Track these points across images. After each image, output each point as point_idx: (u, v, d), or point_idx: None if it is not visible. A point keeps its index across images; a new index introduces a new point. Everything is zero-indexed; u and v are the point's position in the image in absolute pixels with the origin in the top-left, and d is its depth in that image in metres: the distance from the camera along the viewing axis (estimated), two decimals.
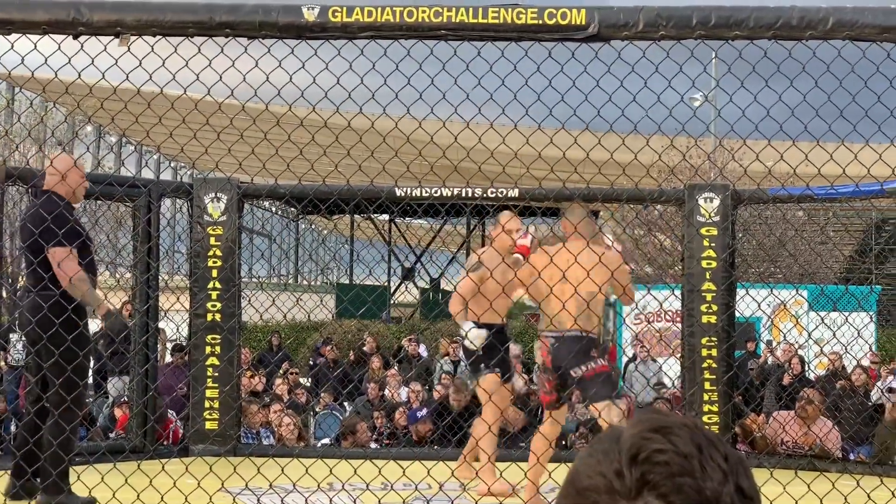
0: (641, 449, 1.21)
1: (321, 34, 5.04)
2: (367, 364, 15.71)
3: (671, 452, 1.20)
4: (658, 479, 1.19)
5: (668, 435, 1.22)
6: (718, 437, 1.26)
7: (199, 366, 9.06)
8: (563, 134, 5.49)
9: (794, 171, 5.45)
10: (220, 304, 9.12)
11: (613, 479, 1.20)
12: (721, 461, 1.21)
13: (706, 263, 9.41)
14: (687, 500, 1.18)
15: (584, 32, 4.95)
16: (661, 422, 1.25)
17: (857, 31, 4.83)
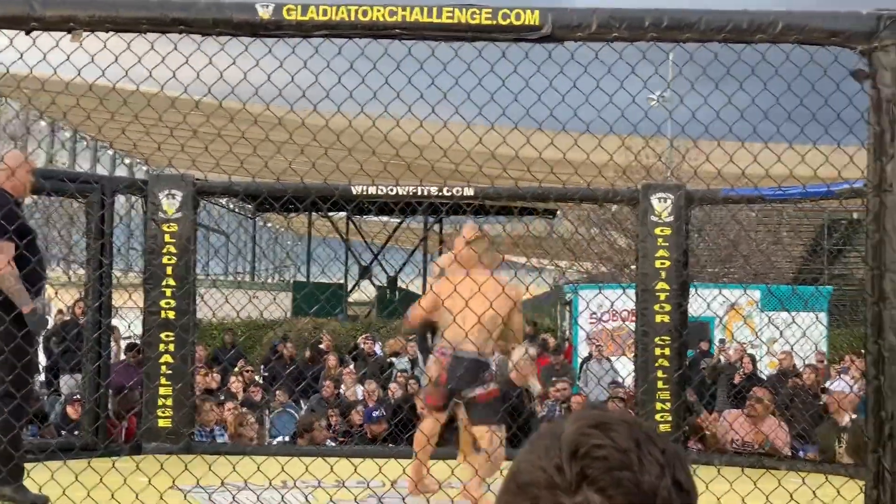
0: (581, 444, 1.23)
1: (276, 32, 5.04)
2: (322, 362, 15.69)
3: (610, 447, 1.23)
4: (597, 473, 1.21)
5: (608, 430, 1.25)
6: (656, 431, 1.29)
7: (153, 363, 9.02)
8: (517, 133, 5.53)
9: (742, 173, 5.52)
10: (175, 302, 9.08)
11: (554, 474, 1.23)
12: (658, 455, 1.24)
13: (660, 263, 9.48)
14: (625, 493, 1.21)
15: (537, 33, 4.98)
16: (600, 418, 1.28)
17: (805, 34, 4.90)
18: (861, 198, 8.31)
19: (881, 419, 4.73)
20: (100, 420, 8.51)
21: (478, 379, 6.74)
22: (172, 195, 9.11)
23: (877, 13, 4.80)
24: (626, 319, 15.98)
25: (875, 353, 4.79)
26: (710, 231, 16.43)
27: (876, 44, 4.78)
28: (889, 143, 4.72)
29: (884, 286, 4.72)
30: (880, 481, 4.74)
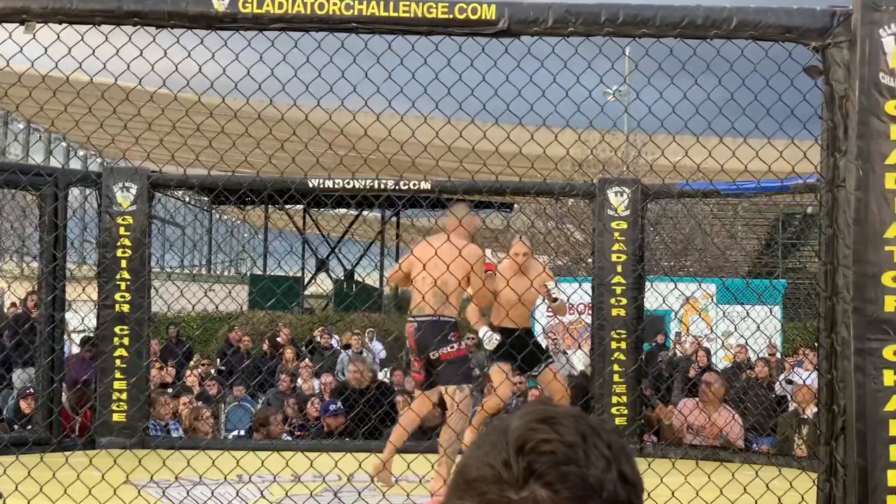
0: (528, 439, 1.24)
1: (231, 25, 5.01)
2: (279, 355, 15.63)
3: (556, 442, 1.24)
4: (544, 468, 1.22)
5: (554, 425, 1.26)
6: (602, 425, 1.30)
7: (107, 357, 8.95)
8: (473, 127, 5.53)
9: (698, 167, 5.55)
10: (129, 295, 9.02)
11: (501, 470, 1.24)
12: (605, 449, 1.25)
13: (616, 257, 9.53)
14: (571, 487, 1.21)
15: (493, 27, 4.98)
16: (546, 412, 1.28)
17: (759, 30, 4.93)
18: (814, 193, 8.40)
19: (834, 412, 4.77)
20: (53, 415, 8.43)
21: (441, 339, 7.05)
22: (127, 188, 9.05)
23: (830, 10, 4.84)
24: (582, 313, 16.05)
25: (828, 347, 4.83)
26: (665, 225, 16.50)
27: (829, 40, 4.82)
28: (842, 138, 4.76)
29: (836, 281, 4.77)
30: (833, 474, 4.79)
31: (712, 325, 15.30)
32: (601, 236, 9.59)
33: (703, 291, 13.32)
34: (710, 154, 5.40)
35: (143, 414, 9.20)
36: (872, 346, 4.62)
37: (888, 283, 4.62)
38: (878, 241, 4.65)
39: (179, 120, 5.68)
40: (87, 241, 23.52)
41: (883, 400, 4.61)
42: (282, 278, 25.77)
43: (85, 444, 8.73)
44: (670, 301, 11.86)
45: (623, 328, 9.50)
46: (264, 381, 14.00)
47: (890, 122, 4.67)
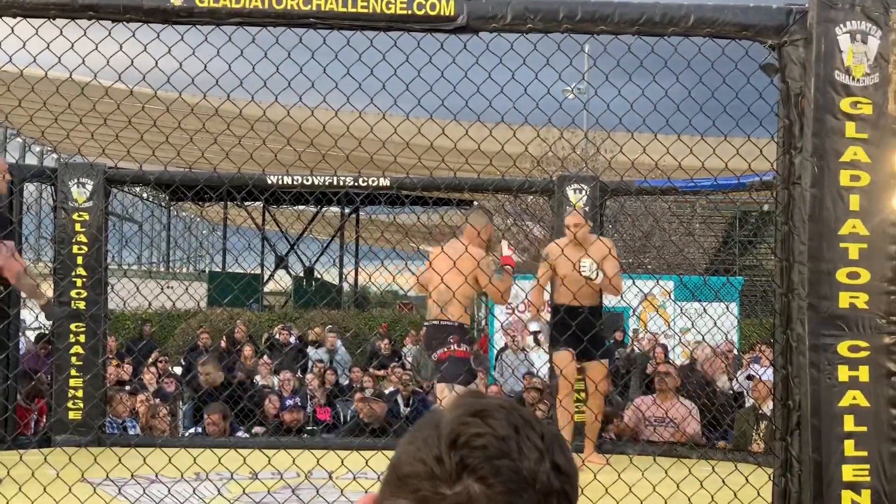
0: (460, 434, 1.24)
1: (187, 19, 4.97)
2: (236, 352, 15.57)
3: (489, 435, 1.23)
4: (477, 462, 1.22)
5: (486, 418, 1.25)
6: (535, 416, 1.30)
7: (62, 354, 8.87)
8: (432, 123, 5.52)
9: (655, 164, 5.57)
10: (85, 292, 8.94)
11: (434, 465, 1.23)
12: (537, 440, 1.25)
13: None
14: (505, 481, 1.21)
15: (452, 23, 4.97)
16: (478, 405, 1.28)
17: (717, 28, 4.95)
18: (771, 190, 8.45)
19: (789, 408, 4.81)
20: (7, 412, 8.34)
21: (442, 342, 7.38)
22: (82, 183, 8.96)
23: (787, 8, 4.87)
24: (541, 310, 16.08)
25: (783, 343, 4.87)
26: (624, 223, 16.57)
27: (785, 38, 4.85)
28: (797, 136, 4.80)
29: (792, 277, 4.80)
30: (788, 469, 4.82)
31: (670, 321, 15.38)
32: (559, 233, 9.60)
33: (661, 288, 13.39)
34: (668, 151, 5.43)
35: (100, 412, 9.13)
36: (827, 342, 4.66)
37: (843, 279, 4.66)
38: (833, 238, 4.69)
39: (135, 115, 5.64)
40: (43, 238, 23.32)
41: (837, 395, 4.65)
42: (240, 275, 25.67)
43: (40, 442, 8.65)
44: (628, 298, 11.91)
45: None
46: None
47: (845, 120, 4.71)
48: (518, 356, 15.34)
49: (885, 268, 4.70)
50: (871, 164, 4.71)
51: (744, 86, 5.24)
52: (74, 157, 11.70)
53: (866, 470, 4.64)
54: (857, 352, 4.65)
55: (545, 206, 13.86)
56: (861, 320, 4.66)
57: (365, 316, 24.35)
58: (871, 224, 4.69)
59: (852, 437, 4.64)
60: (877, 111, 4.72)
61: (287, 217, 30.03)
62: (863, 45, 4.75)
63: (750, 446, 9.53)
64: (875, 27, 4.73)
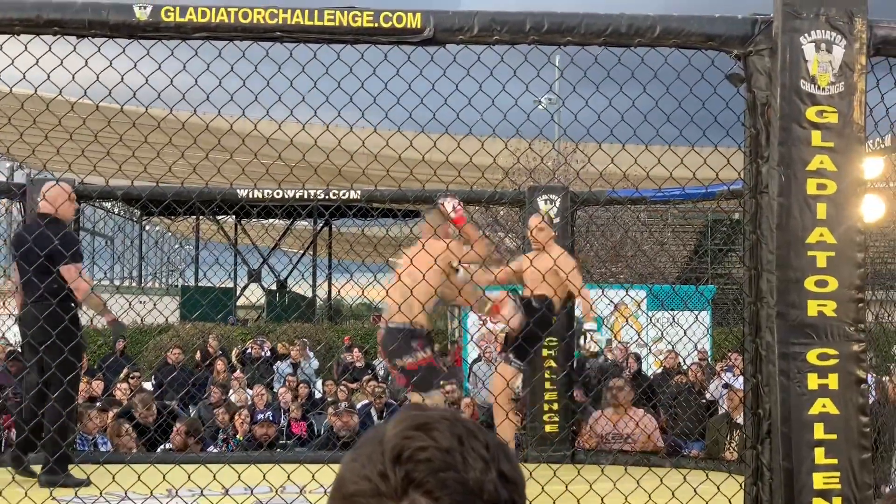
0: (404, 448, 1.23)
1: (153, 34, 4.94)
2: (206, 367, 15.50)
3: (433, 449, 1.23)
4: (422, 476, 1.21)
5: (429, 431, 1.24)
6: (479, 425, 1.30)
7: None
8: (400, 136, 5.52)
9: (624, 175, 5.58)
10: None
11: (378, 482, 1.22)
12: (482, 450, 1.25)
13: None
14: (452, 493, 1.21)
15: (419, 36, 4.97)
16: (421, 418, 1.27)
17: (683, 38, 4.96)
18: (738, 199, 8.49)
19: (759, 416, 4.82)
20: None
21: (407, 348, 7.19)
22: None
23: (752, 18, 4.89)
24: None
25: (752, 352, 4.88)
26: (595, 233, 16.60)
27: (751, 48, 4.87)
28: (764, 145, 4.81)
29: (761, 286, 4.81)
30: (759, 477, 4.83)
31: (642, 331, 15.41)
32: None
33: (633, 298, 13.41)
34: (636, 161, 5.44)
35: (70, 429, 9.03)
36: (796, 350, 4.67)
37: (811, 287, 4.68)
38: (801, 247, 4.70)
39: (102, 130, 5.60)
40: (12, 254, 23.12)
41: (807, 403, 4.67)
42: (212, 289, 25.57)
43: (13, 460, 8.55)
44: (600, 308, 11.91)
45: (555, 336, 9.52)
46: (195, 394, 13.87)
47: (811, 129, 4.73)
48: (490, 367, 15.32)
49: (852, 275, 4.72)
50: (837, 172, 4.73)
51: (710, 96, 5.27)
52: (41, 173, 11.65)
53: (837, 477, 4.65)
54: (826, 360, 4.66)
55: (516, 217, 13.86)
56: (830, 328, 4.68)
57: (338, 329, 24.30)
58: (838, 232, 4.71)
59: (822, 444, 4.65)
60: (842, 120, 4.74)
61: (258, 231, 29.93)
62: (828, 55, 4.77)
63: (722, 454, 9.56)
64: (840, 36, 4.76)
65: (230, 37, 5.02)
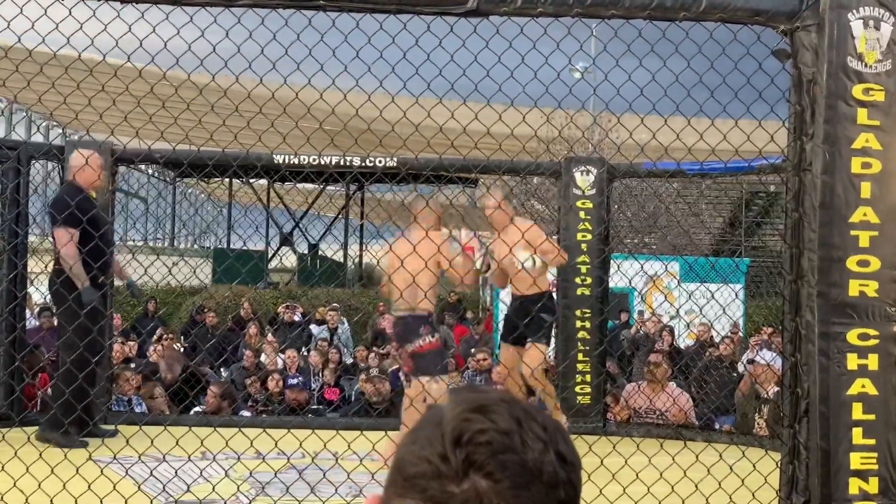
0: (464, 431, 1.25)
1: (198, 1, 4.95)
2: (243, 331, 15.59)
3: (492, 431, 1.24)
4: (482, 458, 1.23)
5: (488, 413, 1.26)
6: (535, 407, 1.31)
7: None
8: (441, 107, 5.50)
9: (665, 150, 5.55)
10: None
11: (439, 464, 1.24)
12: (540, 431, 1.26)
13: (581, 236, 9.54)
14: (512, 475, 1.22)
15: (463, 7, 4.94)
16: (479, 400, 1.28)
17: (729, 13, 4.92)
18: (779, 173, 8.43)
19: (797, 395, 4.81)
20: (15, 393, 8.35)
21: (414, 333, 7.40)
22: None
23: None
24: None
25: (792, 331, 4.86)
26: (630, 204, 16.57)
27: (798, 24, 4.82)
28: (809, 122, 4.78)
29: (802, 264, 4.79)
30: (795, 456, 4.83)
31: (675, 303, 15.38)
32: (567, 215, 9.59)
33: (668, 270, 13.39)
34: (678, 136, 5.41)
35: (105, 390, 9.14)
36: (836, 330, 4.65)
37: (853, 267, 4.65)
38: (844, 226, 4.67)
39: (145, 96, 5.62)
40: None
41: (846, 383, 4.65)
42: (246, 253, 25.66)
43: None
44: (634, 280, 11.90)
45: (588, 308, 9.52)
46: (228, 357, 13.98)
47: (857, 107, 4.69)
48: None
49: (895, 256, 4.68)
50: (882, 151, 4.69)
51: (755, 71, 5.23)
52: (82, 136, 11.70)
53: (874, 458, 4.64)
54: (866, 340, 4.64)
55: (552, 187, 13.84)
56: (871, 308, 4.65)
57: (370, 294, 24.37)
58: (882, 212, 4.68)
59: (860, 425, 4.64)
60: (889, 98, 4.70)
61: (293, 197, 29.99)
62: (875, 32, 4.72)
63: (753, 430, 9.54)
64: (888, 13, 4.71)
65: (274, 5, 5.01)
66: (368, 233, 29.51)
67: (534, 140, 6.49)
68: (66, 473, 5.68)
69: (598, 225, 9.48)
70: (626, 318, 16.43)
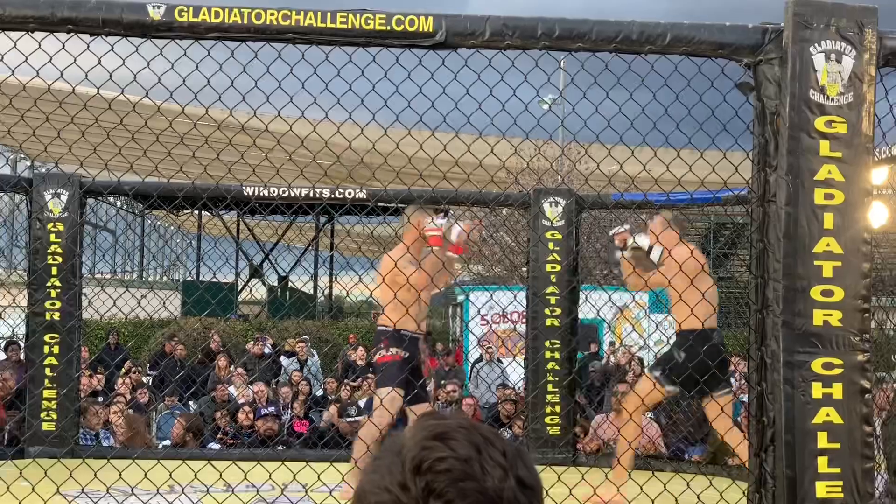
0: (423, 459, 1.25)
1: (167, 34, 4.97)
2: (212, 363, 15.51)
3: (451, 459, 1.25)
4: (442, 486, 1.24)
5: (447, 441, 1.27)
6: (495, 432, 1.33)
7: (37, 367, 8.83)
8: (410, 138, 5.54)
9: (632, 181, 5.61)
10: (60, 303, 8.91)
11: (399, 493, 1.25)
12: (499, 457, 1.27)
13: (550, 267, 9.59)
14: (472, 502, 1.23)
15: (431, 40, 4.99)
16: (439, 427, 1.29)
17: (693, 46, 4.98)
18: (744, 205, 8.50)
19: (763, 424, 4.84)
20: None
21: (376, 346, 7.64)
22: (58, 194, 8.94)
23: (762, 27, 4.91)
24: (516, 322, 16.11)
25: (757, 360, 4.90)
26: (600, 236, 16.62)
27: (761, 57, 4.89)
28: (773, 154, 4.84)
29: (767, 294, 4.84)
30: (762, 485, 4.86)
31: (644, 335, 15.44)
32: (535, 246, 9.64)
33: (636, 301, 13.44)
34: (644, 167, 5.46)
35: (74, 423, 9.09)
36: (801, 359, 4.70)
37: (817, 297, 4.70)
38: (808, 256, 4.73)
39: (115, 128, 5.63)
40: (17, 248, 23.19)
41: (811, 412, 4.69)
42: (216, 285, 25.57)
43: (15, 455, 8.60)
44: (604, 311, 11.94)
45: (557, 338, 9.56)
46: (197, 389, 13.90)
47: (819, 139, 4.75)
48: (493, 368, 15.35)
49: (858, 285, 4.74)
50: (844, 182, 4.75)
51: (720, 104, 5.29)
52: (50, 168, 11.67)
53: (839, 486, 4.68)
54: (830, 369, 4.69)
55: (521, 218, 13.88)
56: (835, 338, 4.70)
57: (339, 326, 24.33)
58: (845, 242, 4.74)
59: (826, 453, 4.68)
60: (851, 130, 4.77)
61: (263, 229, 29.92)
62: (837, 65, 4.79)
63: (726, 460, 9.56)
64: (850, 47, 4.78)
65: (243, 37, 5.04)
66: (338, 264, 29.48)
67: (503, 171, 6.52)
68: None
69: (566, 255, 9.53)
70: (596, 349, 16.47)
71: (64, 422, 8.88)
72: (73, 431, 9.05)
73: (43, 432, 8.82)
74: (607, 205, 9.87)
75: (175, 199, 8.90)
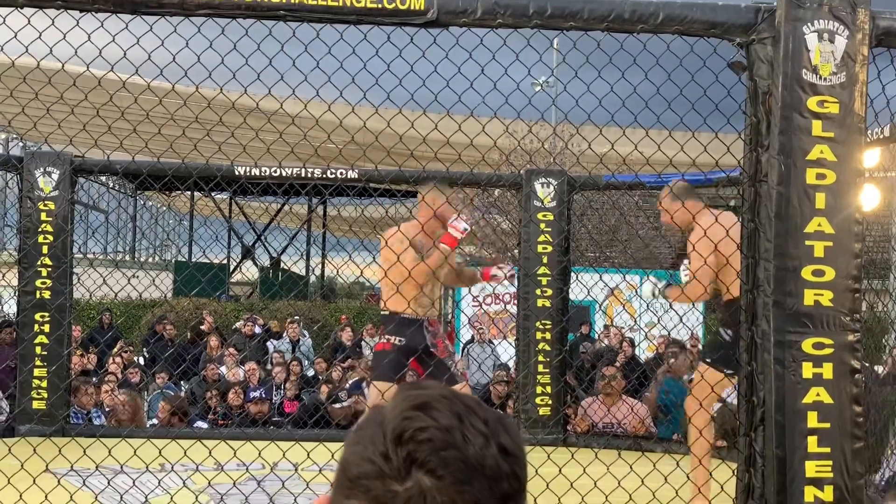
0: (405, 429, 1.26)
1: (157, 10, 4.93)
2: (203, 343, 15.50)
3: (433, 428, 1.25)
4: (424, 456, 1.24)
5: (429, 410, 1.27)
6: (478, 401, 1.32)
7: (27, 344, 8.82)
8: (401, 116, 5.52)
9: (623, 160, 5.60)
10: (50, 282, 8.89)
11: (381, 464, 1.25)
12: (481, 425, 1.27)
13: (542, 248, 9.59)
14: (454, 471, 1.23)
15: (422, 17, 4.97)
16: (420, 398, 1.29)
17: (686, 25, 4.97)
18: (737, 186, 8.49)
19: (753, 404, 4.84)
20: None
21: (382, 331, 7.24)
22: (49, 173, 8.91)
23: (755, 6, 4.90)
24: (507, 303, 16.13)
25: (748, 340, 4.90)
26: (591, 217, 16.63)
27: (753, 36, 4.88)
28: (764, 134, 4.83)
29: (758, 274, 4.83)
30: (752, 464, 4.86)
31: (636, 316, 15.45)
32: (527, 227, 9.64)
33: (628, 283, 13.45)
34: (636, 147, 5.45)
35: (64, 402, 9.08)
36: (792, 339, 4.70)
37: (808, 276, 4.70)
38: (799, 236, 4.72)
39: (104, 105, 5.60)
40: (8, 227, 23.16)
41: (801, 392, 4.69)
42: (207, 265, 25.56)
43: (4, 433, 8.59)
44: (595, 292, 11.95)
45: (548, 319, 9.57)
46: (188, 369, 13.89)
47: (812, 118, 4.74)
48: (484, 349, 15.36)
49: (849, 265, 4.74)
50: (836, 162, 4.75)
51: (712, 83, 5.27)
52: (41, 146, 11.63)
53: (829, 466, 4.69)
54: (821, 349, 4.69)
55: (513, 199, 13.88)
56: (826, 318, 4.70)
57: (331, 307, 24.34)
58: (837, 222, 4.74)
59: (816, 433, 4.68)
60: (843, 110, 4.76)
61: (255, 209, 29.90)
62: (830, 45, 4.78)
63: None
64: (842, 26, 4.77)
65: (233, 14, 5.01)
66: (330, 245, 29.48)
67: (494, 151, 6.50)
68: (22, 484, 5.64)
69: (558, 236, 9.53)
70: (587, 331, 16.47)
71: (53, 399, 8.87)
72: (63, 410, 9.04)
73: (33, 410, 8.81)
74: (599, 185, 9.87)
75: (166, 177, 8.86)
